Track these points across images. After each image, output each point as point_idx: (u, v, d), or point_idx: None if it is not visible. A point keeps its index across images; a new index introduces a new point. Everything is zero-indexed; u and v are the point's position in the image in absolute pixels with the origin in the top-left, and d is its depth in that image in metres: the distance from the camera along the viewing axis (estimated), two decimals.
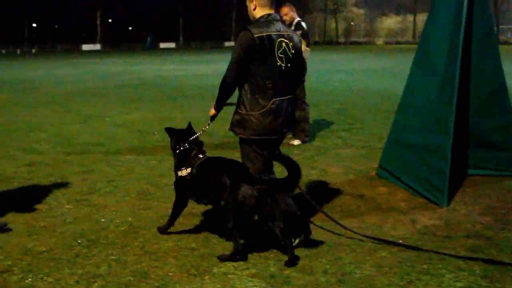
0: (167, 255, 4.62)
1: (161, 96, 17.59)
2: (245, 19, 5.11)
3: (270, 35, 4.66)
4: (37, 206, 5.98)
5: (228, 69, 4.69)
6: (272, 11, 4.85)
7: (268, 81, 4.66)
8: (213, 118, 5.09)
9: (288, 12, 9.22)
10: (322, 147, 9.05)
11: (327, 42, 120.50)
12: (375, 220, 5.48)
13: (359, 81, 22.51)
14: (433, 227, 5.26)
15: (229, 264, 4.42)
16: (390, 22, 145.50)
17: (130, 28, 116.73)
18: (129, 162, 8.03)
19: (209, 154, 5.06)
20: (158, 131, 10.39)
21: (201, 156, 4.89)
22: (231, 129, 4.92)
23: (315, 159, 8.16)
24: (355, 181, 6.91)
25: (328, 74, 25.91)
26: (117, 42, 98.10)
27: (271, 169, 5.00)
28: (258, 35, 4.61)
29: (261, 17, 4.81)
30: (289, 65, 4.76)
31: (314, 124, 10.95)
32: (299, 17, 9.49)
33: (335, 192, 6.42)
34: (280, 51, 4.70)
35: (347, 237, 4.97)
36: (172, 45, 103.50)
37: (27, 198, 6.30)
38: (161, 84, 21.94)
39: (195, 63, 39.95)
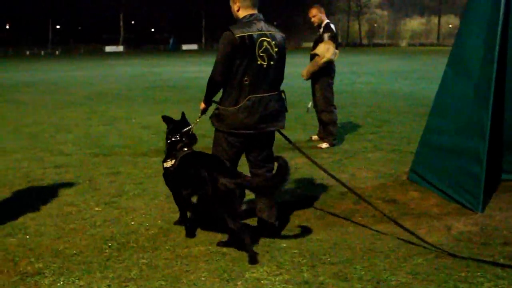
0: (198, 259, 4.58)
1: (185, 97, 17.60)
2: (271, 20, 5.21)
3: (251, 34, 4.82)
4: (66, 208, 5.99)
5: (214, 68, 4.88)
6: (255, 11, 5.01)
7: (246, 78, 4.83)
8: (203, 111, 5.31)
9: (317, 14, 9.13)
10: (351, 151, 8.97)
11: (350, 44, 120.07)
12: (408, 226, 5.35)
13: (384, 83, 22.37)
14: (468, 233, 5.15)
15: (262, 269, 4.37)
16: (414, 23, 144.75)
17: (152, 29, 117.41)
18: (157, 164, 8.00)
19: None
20: None
21: (186, 149, 5.11)
22: (210, 119, 5.12)
23: (344, 163, 8.07)
24: (386, 186, 6.82)
25: (353, 76, 25.79)
26: (140, 43, 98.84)
27: (260, 164, 5.16)
28: (239, 35, 4.77)
29: (244, 17, 4.98)
30: (272, 63, 4.92)
31: (341, 127, 10.87)
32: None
33: (366, 197, 6.31)
34: (262, 50, 4.86)
35: (383, 233, 4.89)
36: (194, 46, 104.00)
37: (56, 200, 6.32)
38: (185, 86, 21.99)
39: None
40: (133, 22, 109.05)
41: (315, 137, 9.83)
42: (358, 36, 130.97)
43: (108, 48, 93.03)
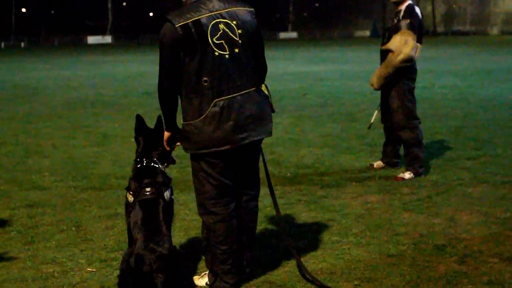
0: None
1: None
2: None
3: (198, 20, 4.91)
4: (45, 268, 5.81)
5: (160, 75, 5.06)
6: None
7: (205, 78, 4.94)
8: (169, 142, 5.36)
9: None
10: (442, 183, 8.70)
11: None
12: None
13: (476, 86, 22.15)
14: None
15: None
16: (509, 4, 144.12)
17: (151, 14, 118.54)
18: None
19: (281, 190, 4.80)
20: None
21: (148, 191, 5.18)
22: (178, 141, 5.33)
23: (435, 201, 7.81)
24: (500, 236, 6.55)
25: (431, 76, 25.51)
26: (135, 33, 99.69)
27: (246, 184, 5.38)
28: (181, 24, 4.88)
29: None
30: (236, 50, 5.03)
31: (425, 149, 10.57)
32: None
33: (474, 253, 6.07)
34: (217, 36, 4.95)
35: None
36: None
37: (31, 255, 6.15)
38: None
39: None
40: (124, 3, 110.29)
41: (378, 163, 9.58)
42: (432, 21, 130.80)
43: (92, 39, 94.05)
